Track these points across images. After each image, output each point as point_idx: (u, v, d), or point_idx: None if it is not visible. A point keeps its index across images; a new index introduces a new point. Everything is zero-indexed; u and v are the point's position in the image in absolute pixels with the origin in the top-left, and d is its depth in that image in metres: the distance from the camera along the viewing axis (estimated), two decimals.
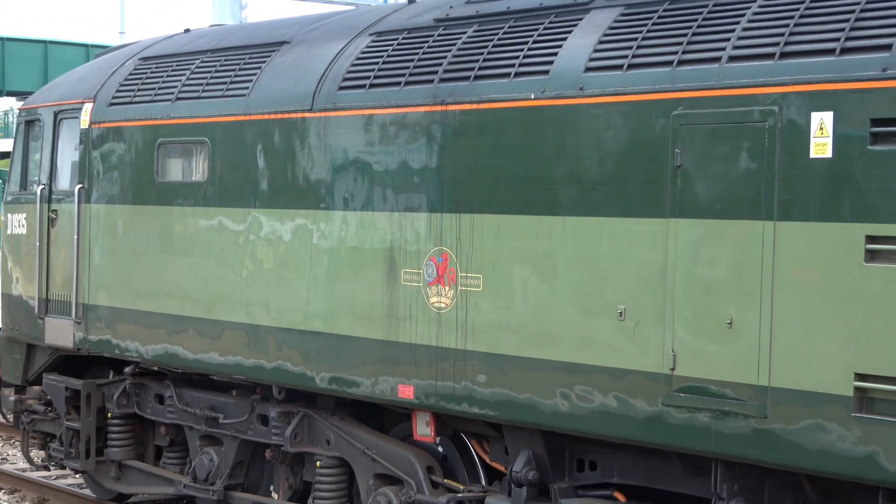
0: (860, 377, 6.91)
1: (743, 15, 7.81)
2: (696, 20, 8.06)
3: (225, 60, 11.56)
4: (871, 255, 6.87)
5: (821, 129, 7.09)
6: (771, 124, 7.34)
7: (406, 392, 9.50)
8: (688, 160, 7.72)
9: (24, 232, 13.35)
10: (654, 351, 7.93)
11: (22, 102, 16.76)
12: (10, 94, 49.17)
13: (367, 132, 9.85)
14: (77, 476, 14.10)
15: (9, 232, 13.64)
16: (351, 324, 9.94)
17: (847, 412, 6.97)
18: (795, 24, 7.47)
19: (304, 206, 10.35)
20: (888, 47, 6.92)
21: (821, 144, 7.10)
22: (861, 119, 6.93)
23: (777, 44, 7.46)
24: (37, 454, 13.83)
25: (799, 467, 7.33)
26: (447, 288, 9.14)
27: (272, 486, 11.50)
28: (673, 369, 7.77)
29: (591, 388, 8.24)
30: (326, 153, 10.18)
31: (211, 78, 11.49)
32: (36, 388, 13.51)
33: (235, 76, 11.23)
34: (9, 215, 13.64)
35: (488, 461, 9.71)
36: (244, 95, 10.93)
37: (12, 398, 13.77)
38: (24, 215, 13.33)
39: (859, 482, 7.13)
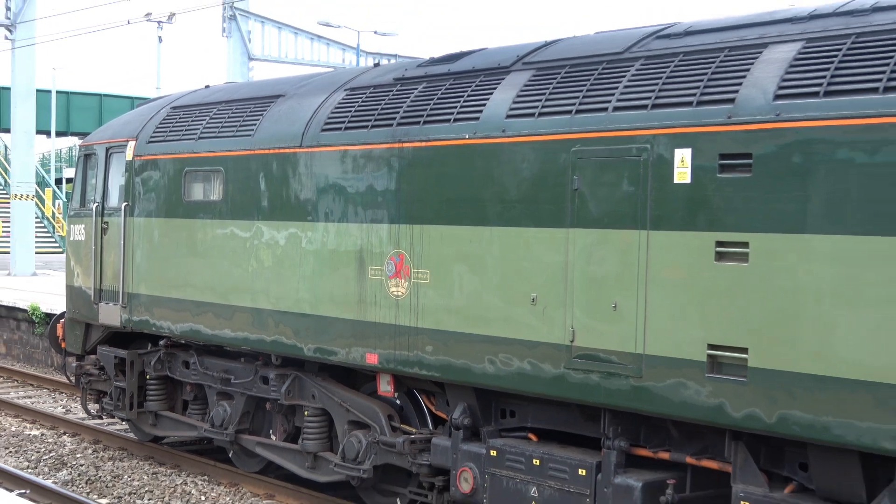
0: (711, 347, 6.87)
1: (624, 76, 7.72)
2: (589, 79, 7.97)
3: (236, 109, 11.37)
4: (720, 256, 6.82)
5: (682, 161, 7.03)
6: (645, 158, 7.26)
7: (372, 359, 9.40)
8: (583, 184, 7.62)
9: (83, 239, 13.17)
10: (558, 328, 7.85)
11: (82, 140, 16.51)
12: (73, 134, 48.75)
13: (343, 163, 9.74)
14: (123, 423, 13.99)
15: (71, 239, 13.41)
16: (330, 308, 9.82)
17: (702, 373, 6.92)
18: (663, 83, 7.40)
19: (295, 218, 10.21)
20: (732, 100, 6.86)
21: (682, 173, 7.05)
22: (712, 154, 6.89)
23: (650, 97, 7.39)
24: (92, 407, 13.65)
25: (666, 415, 7.28)
26: (403, 280, 9.04)
27: (271, 430, 11.32)
28: (572, 342, 7.71)
29: (511, 355, 8.19)
30: (312, 179, 10.05)
31: (225, 122, 11.31)
32: (92, 356, 13.41)
33: (244, 121, 11.10)
34: (71, 226, 13.41)
35: (434, 411, 9.60)
36: (250, 135, 10.80)
37: (74, 364, 13.70)
38: (83, 226, 13.16)
39: (711, 426, 7.06)
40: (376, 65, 11.75)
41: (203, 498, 11.51)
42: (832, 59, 6.54)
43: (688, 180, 7.00)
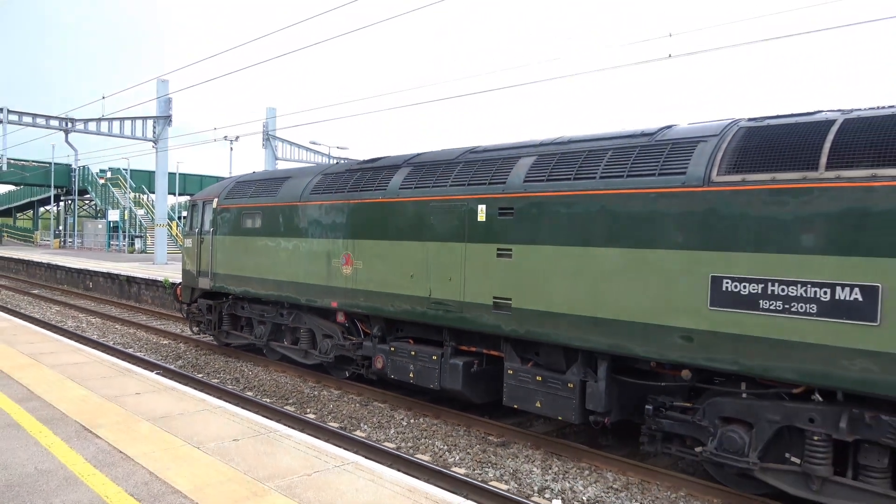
0: (495, 298, 7.03)
1: (454, 170, 7.80)
2: (439, 170, 7.99)
3: (268, 182, 10.89)
4: (498, 255, 7.02)
5: (481, 211, 7.28)
6: (464, 208, 7.35)
7: (334, 304, 9.19)
8: (434, 220, 7.68)
9: (191, 246, 12.44)
10: (423, 289, 7.85)
11: (191, 197, 15.75)
12: (186, 194, 46.84)
13: (320, 210, 9.36)
14: (210, 337, 13.45)
15: (184, 246, 12.87)
16: (314, 279, 9.46)
17: (490, 310, 7.08)
18: (473, 173, 7.51)
19: (296, 236, 9.85)
20: (504, 182, 7.08)
21: (482, 215, 7.28)
22: (495, 207, 7.07)
23: (466, 179, 7.50)
24: (195, 330, 13.11)
25: (476, 330, 7.33)
26: (350, 266, 8.87)
27: (284, 339, 10.84)
28: (430, 295, 7.74)
29: (401, 302, 8.12)
30: (305, 217, 9.61)
31: (263, 188, 10.83)
32: (195, 304, 12.87)
33: (271, 188, 10.60)
34: (185, 239, 12.82)
35: (364, 329, 9.27)
36: (274, 196, 10.36)
37: (185, 308, 13.15)
38: (190, 240, 12.45)
39: (495, 334, 7.16)
40: (337, 162, 12.03)
41: (250, 373, 11.07)
42: (550, 163, 6.86)
43: (484, 219, 7.23)
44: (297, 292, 9.79)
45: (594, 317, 6.09)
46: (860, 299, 4.62)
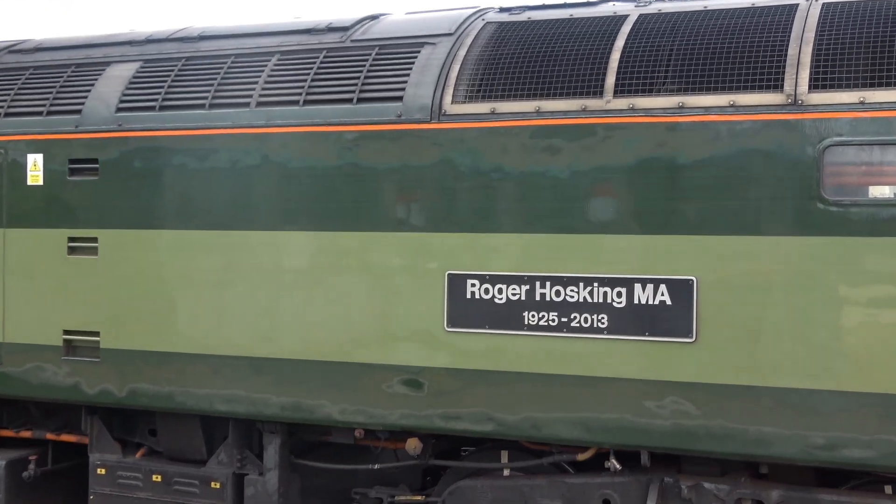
0: (67, 333, 4.84)
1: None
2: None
3: None
4: (72, 251, 4.81)
5: (34, 165, 4.88)
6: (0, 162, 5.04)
7: None
8: None
9: None
10: None
11: None
12: None
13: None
14: None
15: None
16: None
17: (59, 356, 4.89)
18: (15, 94, 5.16)
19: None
20: (79, 111, 4.87)
21: (35, 176, 4.91)
22: (62, 159, 4.85)
23: (2, 107, 5.13)
24: None
25: (31, 397, 5.02)
26: None
27: None
28: None
29: None
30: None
31: None
32: None
33: None
34: None
35: None
36: None
37: None
38: None
39: (71, 401, 5.04)
40: None
41: None
42: (165, 76, 4.78)
43: (41, 182, 4.88)
44: None
45: (255, 357, 4.60)
46: (668, 302, 3.80)
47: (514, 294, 4.04)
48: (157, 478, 4.88)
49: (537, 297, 3.98)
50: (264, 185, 4.45)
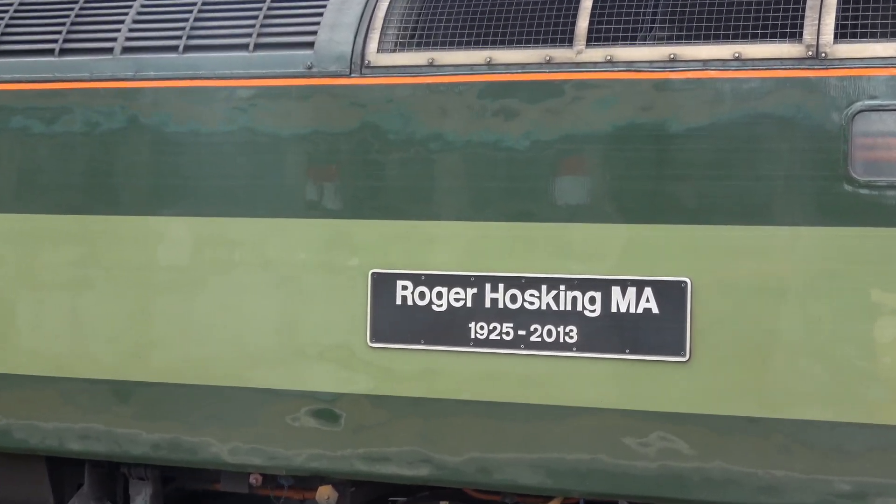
0: None
1: None
2: None
3: None
4: None
5: None
6: None
7: None
8: None
9: None
10: None
11: None
12: None
13: None
14: None
15: None
16: None
17: None
18: None
19: None
20: None
21: None
22: None
23: None
24: None
25: None
26: None
27: None
28: None
29: None
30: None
31: None
32: None
33: None
34: None
35: None
36: None
37: None
38: None
39: None
40: None
41: None
42: (1, 16, 4.24)
43: None
44: None
45: (119, 380, 4.31)
46: (655, 311, 3.61)
47: (457, 299, 3.77)
48: None
49: (487, 304, 3.72)
50: (132, 157, 4.15)
